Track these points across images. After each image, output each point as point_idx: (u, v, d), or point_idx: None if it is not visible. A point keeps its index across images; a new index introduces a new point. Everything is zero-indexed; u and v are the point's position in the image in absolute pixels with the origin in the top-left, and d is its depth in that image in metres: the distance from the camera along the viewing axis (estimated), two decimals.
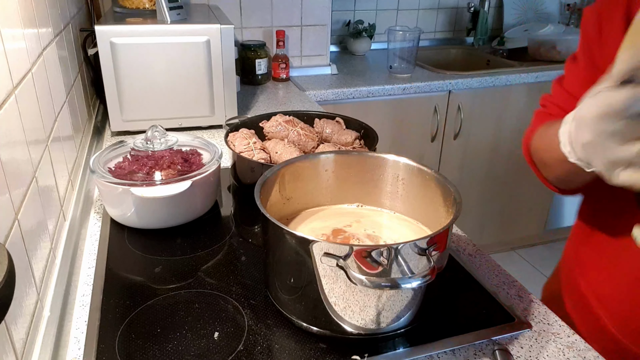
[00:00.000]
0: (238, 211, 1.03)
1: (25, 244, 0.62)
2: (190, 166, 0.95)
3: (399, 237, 0.77)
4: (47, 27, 0.94)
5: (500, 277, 0.82)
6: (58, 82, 0.97)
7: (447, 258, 0.70)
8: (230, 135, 1.07)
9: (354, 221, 0.80)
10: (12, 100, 0.64)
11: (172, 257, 0.85)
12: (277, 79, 2.03)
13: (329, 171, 0.83)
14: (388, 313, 0.63)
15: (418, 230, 0.79)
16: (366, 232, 0.77)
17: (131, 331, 0.68)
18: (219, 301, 0.74)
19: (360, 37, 2.38)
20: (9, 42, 0.66)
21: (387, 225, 0.80)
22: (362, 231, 0.78)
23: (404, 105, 2.03)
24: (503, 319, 0.72)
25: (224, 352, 0.65)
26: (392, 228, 0.79)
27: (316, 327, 0.66)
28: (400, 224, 0.81)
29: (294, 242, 0.62)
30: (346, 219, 0.81)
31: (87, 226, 0.95)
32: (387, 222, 0.81)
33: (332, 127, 1.13)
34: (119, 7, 1.51)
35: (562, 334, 0.70)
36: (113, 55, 1.25)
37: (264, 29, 2.03)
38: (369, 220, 0.81)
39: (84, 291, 0.77)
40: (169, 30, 1.28)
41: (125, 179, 0.88)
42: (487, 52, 2.55)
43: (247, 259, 0.85)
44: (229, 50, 1.33)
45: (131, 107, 1.32)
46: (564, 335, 0.70)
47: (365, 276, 0.57)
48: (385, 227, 0.80)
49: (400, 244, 0.60)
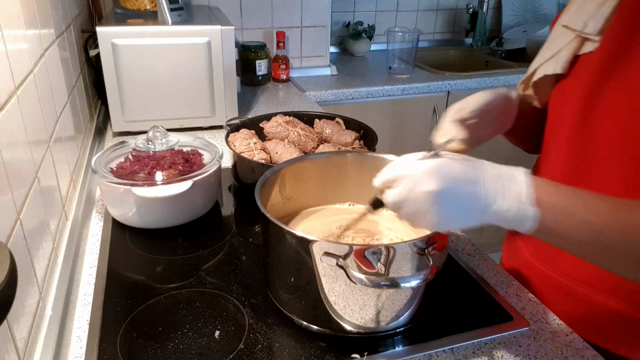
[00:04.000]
0: (238, 211, 1.04)
1: (28, 244, 0.63)
2: (191, 166, 0.95)
3: (398, 237, 0.77)
4: (48, 28, 0.94)
5: (498, 276, 0.82)
6: (60, 83, 0.98)
7: (446, 257, 0.70)
8: (230, 136, 1.07)
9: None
10: (14, 101, 0.64)
11: (173, 257, 0.86)
12: (277, 79, 2.03)
13: (329, 171, 0.83)
14: (387, 312, 0.64)
15: (418, 230, 0.79)
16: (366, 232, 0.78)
17: (133, 330, 0.69)
18: (219, 300, 0.75)
19: (360, 38, 2.39)
20: (11, 43, 0.67)
21: (387, 225, 0.81)
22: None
23: (403, 105, 2.03)
24: (501, 318, 0.72)
25: (225, 350, 0.65)
26: (392, 228, 0.80)
27: (316, 325, 0.66)
28: (400, 223, 0.81)
29: (294, 242, 0.63)
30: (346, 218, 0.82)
31: (88, 226, 0.95)
32: (387, 222, 0.81)
33: (332, 127, 1.14)
34: (120, 9, 1.51)
35: (560, 333, 0.70)
36: (114, 56, 1.25)
37: (264, 30, 2.04)
38: (369, 220, 0.82)
39: (85, 290, 0.78)
40: (170, 31, 1.29)
41: (127, 179, 0.89)
42: (486, 53, 2.56)
43: (247, 258, 0.85)
44: (230, 51, 1.34)
45: (132, 107, 1.32)
46: (562, 334, 0.70)
47: (365, 275, 0.58)
48: (385, 227, 0.80)
49: (400, 244, 0.60)
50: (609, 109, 0.69)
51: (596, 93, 0.70)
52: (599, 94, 0.70)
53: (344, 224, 0.76)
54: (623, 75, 0.67)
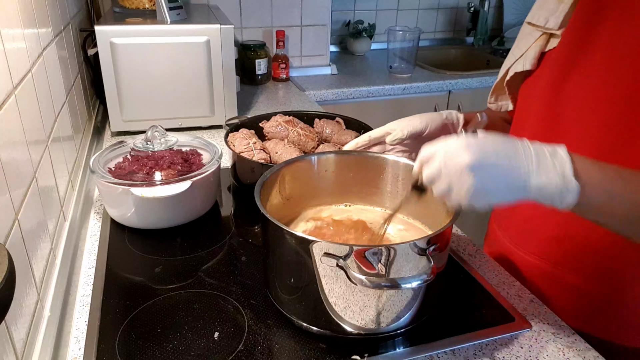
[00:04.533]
0: (238, 211, 1.03)
1: (26, 244, 0.62)
2: (190, 166, 0.95)
3: (399, 237, 0.77)
4: (47, 27, 0.94)
5: (499, 276, 0.82)
6: (58, 82, 0.97)
7: (447, 258, 0.70)
8: (230, 136, 1.07)
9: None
10: (12, 100, 0.64)
11: (172, 257, 0.85)
12: (277, 79, 2.03)
13: (328, 171, 0.83)
14: (388, 313, 0.63)
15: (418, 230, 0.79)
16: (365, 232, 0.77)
17: (131, 331, 0.68)
18: (219, 301, 0.74)
19: (360, 37, 2.38)
20: (9, 42, 0.66)
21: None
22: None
23: (404, 105, 2.03)
24: (503, 319, 0.72)
25: (224, 352, 0.65)
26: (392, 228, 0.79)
27: (316, 327, 0.66)
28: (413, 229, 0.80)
29: (294, 242, 0.62)
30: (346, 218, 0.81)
31: (87, 226, 0.95)
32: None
33: (332, 127, 1.13)
34: (118, 7, 1.51)
35: (562, 334, 0.70)
36: (113, 55, 1.25)
37: (263, 29, 2.03)
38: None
39: (84, 291, 0.77)
40: (169, 30, 1.28)
41: (125, 179, 0.88)
42: (487, 52, 2.55)
43: (247, 259, 0.85)
44: (229, 51, 1.33)
45: (131, 107, 1.32)
46: (564, 335, 0.70)
47: (365, 276, 0.57)
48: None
49: (400, 244, 0.60)
50: (573, 98, 0.72)
51: (561, 84, 0.74)
52: (564, 84, 0.74)
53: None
54: (586, 65, 0.70)
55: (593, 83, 0.70)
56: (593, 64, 0.70)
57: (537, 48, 0.79)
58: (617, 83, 0.67)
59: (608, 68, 0.68)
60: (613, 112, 0.68)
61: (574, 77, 0.72)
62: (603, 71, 0.69)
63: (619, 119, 0.68)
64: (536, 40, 0.80)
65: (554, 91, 0.75)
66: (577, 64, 0.72)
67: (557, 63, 0.76)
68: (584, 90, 0.71)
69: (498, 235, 0.93)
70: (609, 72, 0.68)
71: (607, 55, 0.68)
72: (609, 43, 0.68)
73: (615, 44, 0.67)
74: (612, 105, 0.68)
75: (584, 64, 0.71)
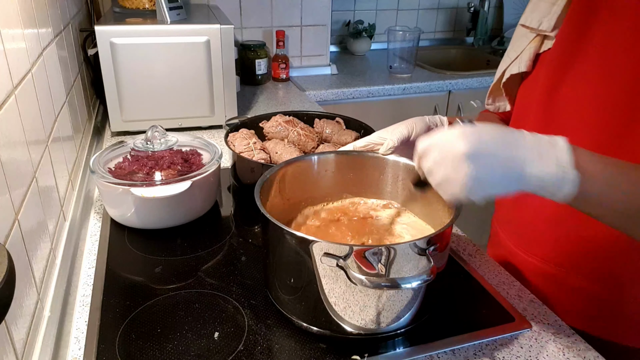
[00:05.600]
0: (238, 211, 1.03)
1: (26, 244, 0.62)
2: (190, 166, 0.95)
3: (399, 237, 0.77)
4: (47, 27, 0.94)
5: (499, 277, 0.82)
6: (58, 82, 0.97)
7: (447, 258, 0.70)
8: (230, 136, 1.07)
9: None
10: (12, 100, 0.64)
11: (172, 257, 0.85)
12: (277, 79, 2.03)
13: (329, 171, 0.83)
14: (388, 313, 0.63)
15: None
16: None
17: (131, 331, 0.68)
18: (219, 301, 0.74)
19: (360, 37, 2.38)
20: (9, 42, 0.66)
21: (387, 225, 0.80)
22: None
23: (404, 105, 2.03)
24: (503, 319, 0.72)
25: (224, 352, 0.65)
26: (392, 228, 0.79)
27: (316, 327, 0.66)
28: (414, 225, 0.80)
29: (294, 242, 0.62)
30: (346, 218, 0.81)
31: (87, 226, 0.95)
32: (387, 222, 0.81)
33: (332, 127, 1.13)
34: (118, 7, 1.51)
35: (562, 334, 0.70)
36: (113, 55, 1.25)
37: (263, 29, 2.03)
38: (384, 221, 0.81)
39: (84, 291, 0.77)
40: (169, 30, 1.28)
41: (125, 179, 0.88)
42: (487, 52, 2.55)
43: (247, 259, 0.85)
44: (229, 51, 1.33)
45: (131, 107, 1.32)
46: (564, 335, 0.70)
47: (365, 276, 0.57)
48: (385, 227, 0.79)
49: (400, 244, 0.60)
50: (569, 98, 0.73)
51: (556, 84, 0.75)
52: (559, 85, 0.74)
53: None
54: (580, 65, 0.71)
55: (588, 83, 0.71)
56: (587, 64, 0.70)
57: (531, 50, 0.80)
58: (611, 82, 0.67)
59: (602, 67, 0.69)
60: (607, 110, 0.69)
61: (569, 78, 0.73)
62: (597, 71, 0.69)
63: (613, 117, 0.68)
64: (530, 42, 0.80)
65: (550, 91, 0.76)
66: (572, 64, 0.72)
67: (552, 64, 0.76)
68: (579, 90, 0.72)
69: (501, 238, 0.94)
70: (602, 71, 0.68)
71: (601, 55, 0.69)
72: (602, 43, 0.69)
73: (609, 44, 0.68)
74: (606, 103, 0.69)
75: (579, 65, 0.72)
